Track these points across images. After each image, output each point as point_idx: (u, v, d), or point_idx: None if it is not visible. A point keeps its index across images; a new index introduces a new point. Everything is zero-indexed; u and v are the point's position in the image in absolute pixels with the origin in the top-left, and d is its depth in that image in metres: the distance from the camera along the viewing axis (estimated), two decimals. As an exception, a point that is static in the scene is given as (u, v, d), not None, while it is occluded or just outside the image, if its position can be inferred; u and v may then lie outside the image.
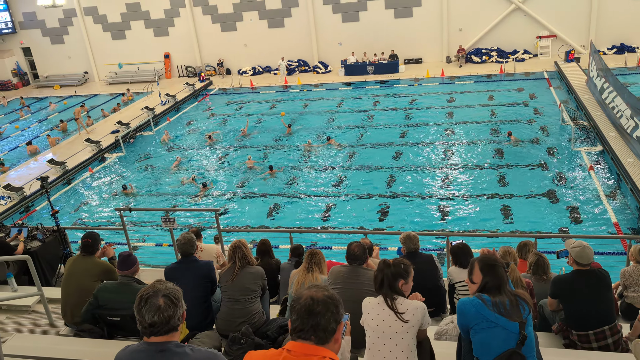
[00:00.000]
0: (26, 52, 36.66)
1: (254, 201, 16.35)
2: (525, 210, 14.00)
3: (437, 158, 17.96)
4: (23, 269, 8.69)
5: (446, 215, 14.28)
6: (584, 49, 27.62)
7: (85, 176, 19.89)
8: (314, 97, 27.22)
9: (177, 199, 17.03)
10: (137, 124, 24.33)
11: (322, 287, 2.48)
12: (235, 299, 5.35)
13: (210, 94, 29.99)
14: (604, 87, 19.38)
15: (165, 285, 2.82)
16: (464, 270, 6.05)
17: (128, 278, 5.41)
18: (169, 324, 2.75)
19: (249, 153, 19.96)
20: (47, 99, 32.82)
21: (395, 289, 4.02)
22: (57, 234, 9.63)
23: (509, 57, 28.74)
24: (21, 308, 7.42)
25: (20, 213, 16.78)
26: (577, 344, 4.99)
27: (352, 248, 5.09)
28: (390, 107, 23.97)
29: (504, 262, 3.77)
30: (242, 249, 5.50)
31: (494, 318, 3.49)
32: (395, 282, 4.02)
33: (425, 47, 30.27)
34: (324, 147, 19.88)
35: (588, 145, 17.69)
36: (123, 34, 34.17)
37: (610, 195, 14.33)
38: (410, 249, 6.33)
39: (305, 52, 31.82)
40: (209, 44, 33.10)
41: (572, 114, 19.44)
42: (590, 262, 4.96)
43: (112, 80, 34.57)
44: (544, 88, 24.23)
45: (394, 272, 4.03)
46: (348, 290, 4.83)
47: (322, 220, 14.71)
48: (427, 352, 4.21)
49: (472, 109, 22.53)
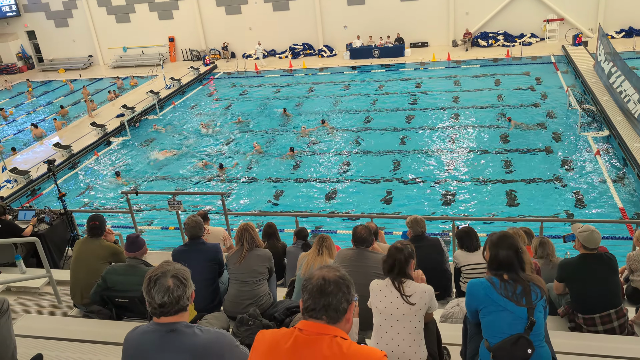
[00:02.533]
0: (30, 36, 36.54)
1: (259, 185, 16.37)
2: (530, 195, 13.98)
3: (443, 142, 17.90)
4: (31, 252, 8.76)
5: (452, 199, 14.28)
6: (592, 33, 27.30)
7: (90, 160, 19.94)
8: (319, 80, 27.09)
9: (185, 182, 17.09)
10: (142, 107, 24.31)
11: (334, 268, 2.49)
12: (243, 281, 5.39)
13: (214, 77, 29.90)
14: (611, 71, 19.21)
15: (174, 266, 2.82)
16: (469, 254, 6.07)
17: (136, 260, 5.44)
18: (178, 304, 2.76)
19: (253, 139, 19.92)
20: (51, 82, 32.83)
21: (405, 273, 4.05)
22: (64, 217, 9.69)
23: (516, 40, 28.46)
24: (30, 290, 7.49)
25: (26, 196, 16.87)
26: (582, 327, 5.02)
27: (358, 231, 5.09)
28: (395, 91, 23.86)
29: (518, 238, 3.78)
30: (250, 231, 5.53)
31: (503, 302, 3.50)
32: (407, 266, 4.05)
33: (431, 30, 29.97)
34: (318, 129, 19.89)
35: (595, 130, 17.59)
36: (127, 17, 33.98)
37: (616, 180, 14.29)
38: (417, 232, 6.34)
39: (311, 36, 31.59)
40: (213, 27, 32.89)
41: (579, 98, 19.30)
42: (597, 246, 4.97)
43: (116, 63, 34.46)
44: (550, 72, 24.03)
45: (407, 255, 4.06)
46: (355, 273, 4.80)
47: (328, 204, 14.74)
48: (433, 335, 4.24)
49: (478, 93, 22.40)
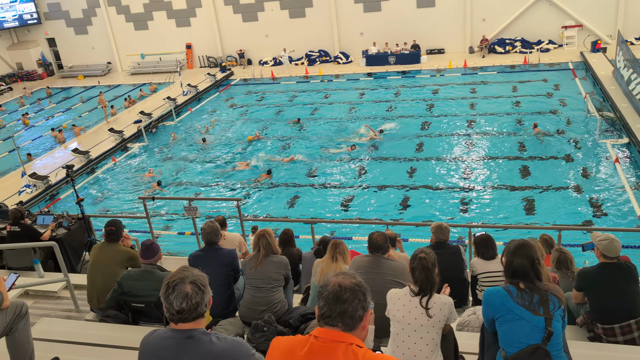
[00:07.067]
0: (51, 43, 37.17)
1: (275, 191, 16.40)
2: (548, 203, 13.82)
3: (460, 149, 17.79)
4: (49, 256, 8.86)
5: (468, 206, 14.16)
6: (611, 39, 27.00)
7: (108, 165, 20.15)
8: (335, 87, 27.11)
9: (200, 187, 17.19)
10: (159, 114, 24.54)
11: (350, 275, 2.47)
12: (258, 287, 5.39)
13: (231, 84, 30.09)
14: (631, 78, 18.97)
15: (192, 272, 2.79)
16: (486, 262, 6.01)
17: (151, 266, 5.47)
18: (196, 310, 2.74)
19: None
20: (71, 89, 33.28)
21: (432, 280, 3.98)
22: (82, 222, 9.79)
23: (533, 47, 28.24)
24: (48, 293, 7.57)
25: (45, 201, 17.09)
26: (602, 338, 4.93)
27: (374, 237, 5.06)
28: (412, 98, 23.79)
29: (536, 249, 3.71)
30: (267, 237, 5.51)
31: (519, 311, 3.45)
32: (432, 272, 3.99)
33: (447, 37, 29.89)
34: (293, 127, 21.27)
35: (614, 137, 17.35)
36: (145, 25, 34.42)
37: (636, 187, 14.07)
38: (440, 240, 6.31)
39: (327, 43, 31.69)
40: (230, 34, 33.17)
41: (597, 105, 19.07)
42: (617, 255, 4.88)
43: (134, 70, 34.88)
44: (568, 79, 23.79)
45: (433, 260, 4.02)
46: (370, 280, 4.79)
47: (344, 211, 14.70)
48: (451, 344, 4.20)
49: (495, 100, 22.25)
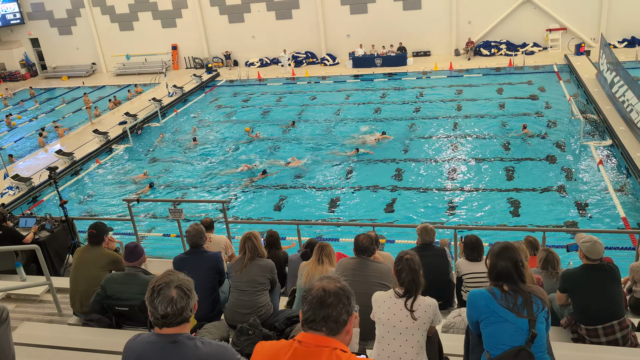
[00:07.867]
0: (34, 43, 36.72)
1: (260, 193, 16.35)
2: (533, 204, 13.93)
3: (445, 151, 17.88)
4: (32, 259, 8.73)
5: (454, 208, 14.23)
6: (595, 42, 27.36)
7: (93, 167, 19.96)
8: (322, 89, 27.14)
9: (186, 190, 17.08)
10: (145, 115, 24.37)
11: (334, 279, 2.45)
12: (243, 290, 5.35)
13: (217, 85, 29.98)
14: (614, 80, 19.21)
15: (177, 276, 2.75)
16: (471, 263, 6.04)
17: (135, 269, 5.41)
18: (181, 315, 2.70)
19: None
20: (55, 89, 32.92)
21: (418, 282, 3.98)
22: (65, 224, 9.67)
23: (519, 50, 28.52)
24: (30, 297, 7.46)
25: (28, 203, 16.88)
26: (585, 339, 4.97)
27: (360, 240, 5.05)
28: (398, 100, 23.87)
29: (520, 251, 3.72)
30: (252, 240, 5.47)
31: (503, 313, 3.46)
32: (418, 274, 3.99)
33: (433, 39, 30.08)
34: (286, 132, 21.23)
35: (597, 139, 17.56)
36: (131, 25, 34.15)
37: (619, 189, 14.24)
38: (425, 241, 6.31)
39: (313, 44, 31.70)
40: (216, 35, 33.04)
41: (581, 107, 19.28)
42: (600, 257, 4.91)
43: (119, 71, 34.59)
44: (553, 81, 24.03)
45: (419, 262, 4.02)
46: (356, 282, 4.78)
47: (330, 213, 14.70)
48: (435, 345, 4.20)
49: (480, 102, 22.41)
